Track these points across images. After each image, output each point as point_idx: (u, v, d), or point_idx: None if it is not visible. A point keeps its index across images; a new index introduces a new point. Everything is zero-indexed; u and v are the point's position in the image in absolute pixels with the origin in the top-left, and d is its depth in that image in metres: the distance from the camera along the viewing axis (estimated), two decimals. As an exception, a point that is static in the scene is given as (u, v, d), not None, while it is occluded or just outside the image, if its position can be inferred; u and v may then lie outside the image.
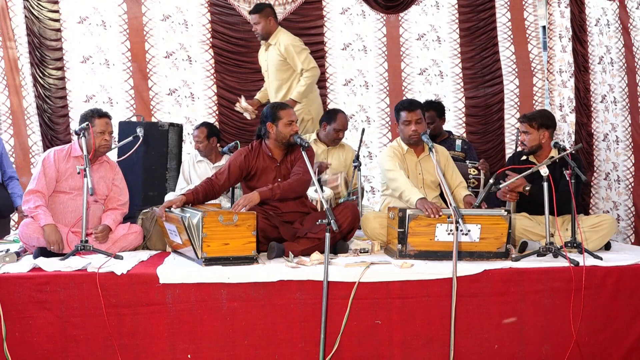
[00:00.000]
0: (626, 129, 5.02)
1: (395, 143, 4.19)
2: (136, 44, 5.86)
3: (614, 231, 3.93)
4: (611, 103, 5.19)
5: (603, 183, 5.37)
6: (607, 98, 5.26)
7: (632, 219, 5.00)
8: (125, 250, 3.71)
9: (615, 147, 5.19)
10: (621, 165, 5.12)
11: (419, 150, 4.15)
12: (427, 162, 4.13)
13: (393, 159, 4.06)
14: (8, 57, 5.54)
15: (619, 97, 5.08)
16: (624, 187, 5.11)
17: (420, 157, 4.15)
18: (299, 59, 5.08)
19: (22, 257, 3.53)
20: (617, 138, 5.16)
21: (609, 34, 5.13)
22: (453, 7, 6.18)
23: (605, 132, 5.32)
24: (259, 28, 5.17)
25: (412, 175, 4.10)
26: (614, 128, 5.20)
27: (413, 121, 4.02)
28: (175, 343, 3.15)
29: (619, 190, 5.19)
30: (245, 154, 3.90)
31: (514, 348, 3.30)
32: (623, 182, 5.11)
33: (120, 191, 3.92)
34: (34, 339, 3.11)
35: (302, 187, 3.83)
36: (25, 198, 3.64)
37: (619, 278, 3.36)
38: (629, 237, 4.93)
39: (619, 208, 5.14)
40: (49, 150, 3.82)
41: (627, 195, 5.09)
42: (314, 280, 3.18)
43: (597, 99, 5.39)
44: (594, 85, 5.42)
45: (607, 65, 5.22)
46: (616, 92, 5.11)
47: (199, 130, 5.19)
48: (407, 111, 4.04)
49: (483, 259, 3.47)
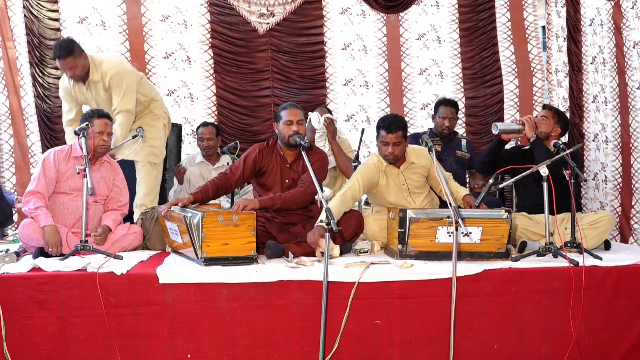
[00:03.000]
0: (615, 129, 5.02)
1: (375, 158, 4.03)
2: (135, 44, 5.86)
3: (612, 227, 3.94)
4: (602, 103, 5.19)
5: (591, 183, 5.38)
6: (599, 98, 5.25)
7: (618, 219, 5.02)
8: (124, 251, 3.70)
9: (605, 147, 5.19)
10: (610, 165, 5.13)
11: (399, 163, 4.04)
12: (409, 171, 4.05)
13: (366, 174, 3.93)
14: (7, 56, 5.54)
15: (610, 97, 5.08)
16: (612, 187, 5.11)
17: (401, 168, 4.04)
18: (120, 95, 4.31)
19: (22, 257, 3.53)
20: (607, 138, 5.16)
21: (602, 33, 5.13)
22: (453, 7, 6.18)
23: (596, 132, 5.32)
24: (78, 70, 4.25)
25: (396, 187, 4.04)
26: (603, 128, 5.20)
27: (391, 143, 3.88)
28: (175, 343, 3.15)
29: (605, 191, 5.19)
30: (260, 150, 3.88)
31: (514, 348, 3.30)
32: (611, 182, 5.11)
33: (121, 192, 3.91)
34: (34, 339, 3.10)
35: (305, 199, 3.78)
36: (25, 199, 3.62)
37: (618, 278, 3.36)
38: (615, 237, 4.94)
39: (605, 208, 5.15)
40: (49, 151, 3.81)
41: (614, 196, 5.10)
42: (314, 280, 3.17)
43: (589, 99, 5.39)
44: (586, 85, 5.42)
45: (599, 65, 5.22)
46: (607, 92, 5.11)
47: (209, 129, 5.20)
48: (386, 131, 3.89)
49: (483, 259, 3.47)
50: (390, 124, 3.88)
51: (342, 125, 6.11)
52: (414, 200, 4.06)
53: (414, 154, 4.04)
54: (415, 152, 4.05)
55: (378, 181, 4.01)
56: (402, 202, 4.03)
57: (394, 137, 3.88)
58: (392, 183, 4.03)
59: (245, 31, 5.97)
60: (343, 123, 6.12)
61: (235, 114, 6.02)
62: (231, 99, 6.02)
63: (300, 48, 6.11)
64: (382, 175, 4.01)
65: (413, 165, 4.04)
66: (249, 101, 6.05)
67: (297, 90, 6.10)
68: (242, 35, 5.99)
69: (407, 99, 6.21)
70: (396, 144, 3.89)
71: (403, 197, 4.04)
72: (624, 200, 4.98)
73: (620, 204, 5.03)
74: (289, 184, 3.86)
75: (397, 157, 3.95)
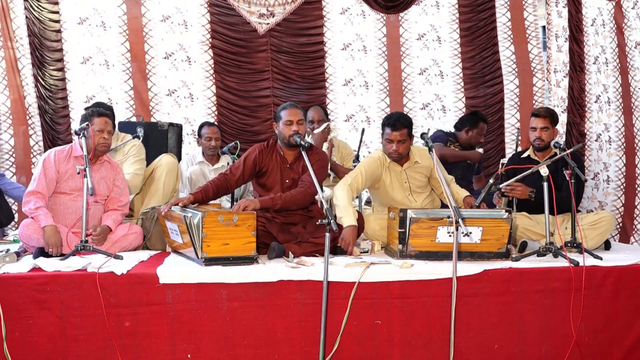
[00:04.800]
0: (619, 129, 5.02)
1: (380, 153, 4.06)
2: (136, 44, 5.87)
3: (613, 228, 3.93)
4: (605, 103, 5.19)
5: (590, 183, 5.39)
6: (601, 98, 5.25)
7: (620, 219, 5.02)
8: (125, 251, 3.70)
9: (608, 148, 5.19)
10: (613, 165, 5.12)
11: (402, 162, 4.07)
12: (412, 170, 4.08)
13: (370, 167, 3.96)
14: (9, 57, 5.54)
15: (613, 97, 5.08)
16: (614, 187, 5.11)
17: (404, 167, 4.06)
18: None
19: (22, 257, 3.53)
20: (610, 138, 5.16)
21: (604, 33, 5.13)
22: (453, 7, 6.18)
23: (598, 133, 5.32)
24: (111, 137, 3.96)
25: (399, 184, 4.06)
26: (607, 128, 5.20)
27: (395, 141, 3.91)
28: (175, 343, 3.15)
29: (606, 191, 5.19)
30: (260, 150, 3.88)
31: (514, 348, 3.30)
32: (614, 182, 5.11)
33: (121, 192, 3.90)
34: (34, 339, 3.10)
35: (305, 200, 3.79)
36: (26, 199, 3.62)
37: (619, 278, 3.36)
38: (614, 237, 4.94)
39: (605, 208, 5.15)
40: (49, 151, 3.80)
41: (617, 196, 5.09)
42: (314, 280, 3.18)
43: (592, 99, 5.39)
44: (589, 86, 5.42)
45: (602, 65, 5.22)
46: (610, 92, 5.11)
47: (214, 129, 5.23)
48: (391, 129, 3.91)
49: (483, 259, 3.47)
50: (395, 121, 3.91)
51: (342, 125, 6.12)
52: (415, 199, 4.06)
53: (418, 153, 4.06)
54: (419, 152, 4.07)
55: (381, 176, 4.03)
56: (403, 200, 4.04)
57: (399, 135, 3.90)
58: (394, 180, 4.05)
59: (245, 31, 5.97)
60: (343, 123, 6.13)
61: (235, 114, 6.02)
62: (231, 99, 6.03)
63: (300, 48, 6.11)
64: (385, 171, 4.04)
65: (417, 164, 4.05)
66: (249, 101, 6.05)
67: (297, 91, 6.10)
68: (242, 35, 6.00)
69: (407, 99, 6.21)
70: (401, 141, 3.91)
71: (405, 196, 4.05)
72: (627, 200, 4.97)
73: (623, 204, 5.03)
74: (289, 184, 3.86)
75: (401, 155, 3.96)
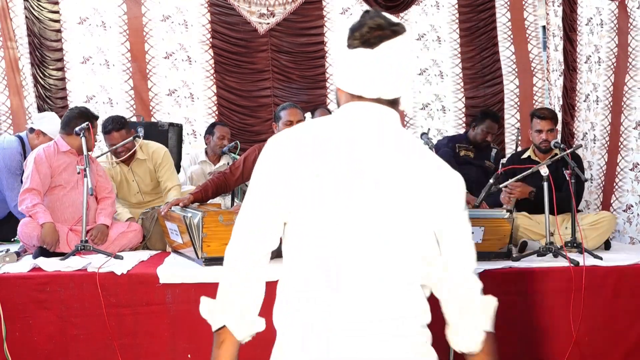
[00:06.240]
0: (604, 128, 5.01)
1: None
2: (136, 44, 5.87)
3: (613, 228, 3.93)
4: (593, 102, 5.18)
5: None
6: (590, 97, 5.24)
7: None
8: (124, 249, 3.71)
9: (592, 146, 5.18)
10: (595, 164, 5.12)
11: None
12: None
13: None
14: (9, 57, 5.54)
15: (602, 96, 5.06)
16: (595, 185, 5.11)
17: None
18: None
19: (22, 257, 3.53)
20: (595, 137, 5.14)
21: (600, 33, 5.11)
22: (453, 7, 6.18)
23: (585, 131, 5.32)
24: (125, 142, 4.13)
25: None
26: (592, 127, 5.19)
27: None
28: (175, 343, 3.15)
29: (590, 190, 5.19)
30: (260, 150, 3.88)
31: (514, 348, 3.30)
32: (595, 180, 5.11)
33: (105, 180, 3.94)
34: (34, 339, 3.10)
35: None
36: (21, 197, 3.61)
37: (619, 278, 3.36)
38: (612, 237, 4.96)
39: (590, 207, 5.15)
40: (37, 149, 3.80)
41: (597, 195, 5.09)
42: (314, 280, 3.17)
43: (581, 98, 5.38)
44: (579, 85, 5.40)
45: (593, 64, 5.20)
46: (599, 91, 5.10)
47: (227, 129, 5.28)
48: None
49: (485, 259, 3.46)
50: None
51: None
52: None
53: None
54: None
55: None
56: None
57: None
58: None
59: (245, 31, 5.97)
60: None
61: (236, 114, 6.02)
62: (232, 99, 6.03)
63: (301, 48, 6.11)
64: None
65: None
66: (250, 101, 6.05)
67: (297, 90, 6.10)
68: (243, 35, 5.99)
69: (407, 99, 6.20)
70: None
71: None
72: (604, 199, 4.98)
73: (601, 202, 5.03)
74: None
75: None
